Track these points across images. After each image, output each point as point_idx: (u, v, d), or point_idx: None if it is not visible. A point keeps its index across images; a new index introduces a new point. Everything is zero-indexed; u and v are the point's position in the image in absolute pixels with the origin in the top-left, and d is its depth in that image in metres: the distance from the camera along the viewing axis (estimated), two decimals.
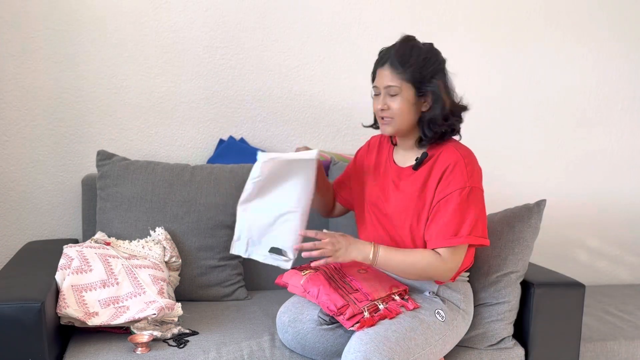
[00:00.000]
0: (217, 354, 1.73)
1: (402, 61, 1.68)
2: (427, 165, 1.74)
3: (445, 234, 1.66)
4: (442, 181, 1.69)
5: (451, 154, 1.71)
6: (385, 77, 1.71)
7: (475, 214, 1.67)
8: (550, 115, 2.73)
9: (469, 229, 1.66)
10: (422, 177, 1.74)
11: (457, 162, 1.69)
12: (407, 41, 1.73)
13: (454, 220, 1.66)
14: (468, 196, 1.67)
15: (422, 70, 1.68)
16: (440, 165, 1.71)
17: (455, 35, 2.59)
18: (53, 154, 2.36)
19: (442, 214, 1.68)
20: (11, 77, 2.29)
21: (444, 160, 1.71)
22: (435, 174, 1.71)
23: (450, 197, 1.67)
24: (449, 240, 1.66)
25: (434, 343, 1.68)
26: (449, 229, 1.66)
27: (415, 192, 1.74)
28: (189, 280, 2.11)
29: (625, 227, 2.87)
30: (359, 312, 1.64)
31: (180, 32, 2.38)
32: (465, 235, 1.66)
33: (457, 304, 1.80)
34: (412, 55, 1.69)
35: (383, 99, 1.72)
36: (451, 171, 1.68)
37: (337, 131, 2.57)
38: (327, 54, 2.51)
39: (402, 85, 1.69)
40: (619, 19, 2.72)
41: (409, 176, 1.77)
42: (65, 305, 1.75)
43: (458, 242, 1.66)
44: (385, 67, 1.71)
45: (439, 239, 1.67)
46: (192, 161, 2.46)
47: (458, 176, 1.68)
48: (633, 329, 2.23)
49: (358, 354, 1.55)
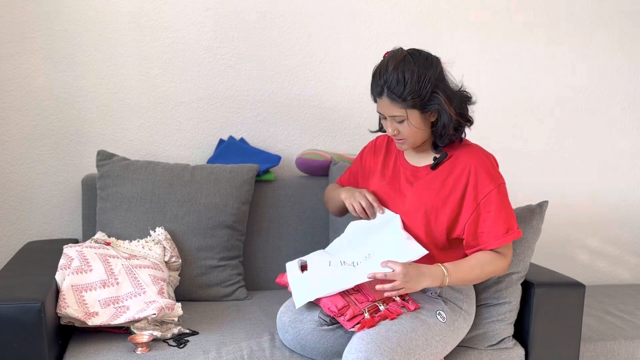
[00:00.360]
0: (217, 354, 1.73)
1: (398, 93, 1.65)
2: (445, 164, 1.77)
3: (498, 233, 1.71)
4: (471, 184, 1.72)
5: (473, 154, 1.75)
6: (386, 108, 1.70)
7: (512, 208, 1.75)
8: (550, 115, 2.73)
9: (514, 223, 1.73)
10: (441, 175, 1.76)
11: (481, 163, 1.73)
12: (397, 67, 1.66)
13: (501, 218, 1.71)
14: (503, 193, 1.73)
15: (420, 93, 1.66)
16: (462, 166, 1.74)
17: (454, 35, 2.59)
18: (53, 154, 2.36)
19: (487, 215, 1.71)
20: (11, 77, 2.29)
21: (467, 160, 1.74)
22: (459, 175, 1.74)
23: (489, 197, 1.71)
24: (504, 238, 1.71)
25: (434, 344, 1.68)
26: (500, 227, 1.71)
27: (434, 191, 1.76)
28: (189, 280, 2.11)
29: (625, 227, 2.87)
30: (360, 312, 1.64)
31: (180, 32, 2.38)
32: (516, 228, 1.73)
33: (459, 304, 1.80)
34: (405, 82, 1.65)
35: (391, 125, 1.73)
36: (480, 172, 1.72)
37: (337, 131, 2.56)
38: (327, 54, 2.51)
39: (405, 112, 1.69)
40: (619, 19, 2.72)
41: (427, 175, 1.79)
42: (65, 305, 1.75)
43: (512, 237, 1.72)
44: (383, 99, 1.69)
45: (495, 239, 1.71)
46: (192, 161, 2.46)
47: (488, 176, 1.72)
48: (633, 329, 2.22)
49: (359, 354, 1.55)
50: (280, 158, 2.40)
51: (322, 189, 2.36)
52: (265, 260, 2.32)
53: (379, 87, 1.69)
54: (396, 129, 1.73)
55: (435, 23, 2.56)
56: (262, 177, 2.32)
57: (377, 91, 1.70)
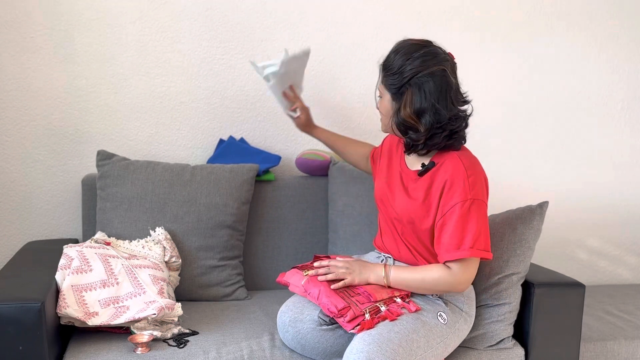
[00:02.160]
0: (217, 354, 1.73)
1: (384, 65, 1.75)
2: (430, 172, 1.74)
3: (449, 247, 1.66)
4: (445, 193, 1.69)
5: (454, 164, 1.69)
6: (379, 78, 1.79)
7: (477, 227, 1.65)
8: (550, 115, 2.73)
9: (472, 241, 1.64)
10: (425, 184, 1.74)
11: (459, 174, 1.67)
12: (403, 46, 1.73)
13: (456, 234, 1.65)
14: (469, 209, 1.65)
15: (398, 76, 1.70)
16: (442, 175, 1.70)
17: (454, 34, 2.59)
18: (53, 154, 2.36)
19: (447, 228, 1.67)
20: (11, 77, 2.29)
21: (446, 170, 1.70)
22: (438, 185, 1.71)
23: (453, 210, 1.66)
24: (453, 253, 1.66)
25: (435, 345, 1.68)
26: (453, 242, 1.66)
27: (419, 199, 1.74)
28: (189, 280, 2.11)
29: (625, 227, 2.87)
30: (360, 314, 1.64)
31: (180, 32, 2.38)
32: (468, 247, 1.64)
33: (460, 306, 1.80)
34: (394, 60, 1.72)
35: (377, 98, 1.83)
36: (452, 183, 1.67)
37: (337, 131, 2.56)
38: (327, 54, 2.51)
39: (381, 88, 1.78)
40: (619, 19, 2.72)
41: (415, 181, 1.77)
42: (65, 305, 1.75)
43: (461, 255, 1.65)
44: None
45: (445, 252, 1.68)
46: (192, 161, 2.46)
47: (460, 189, 1.66)
48: (633, 329, 2.23)
49: (361, 355, 1.55)
50: (280, 158, 2.40)
51: (322, 189, 2.37)
52: (265, 260, 2.32)
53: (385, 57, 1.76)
54: (377, 104, 1.81)
55: (436, 23, 2.56)
56: (262, 177, 2.32)
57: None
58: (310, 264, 1.83)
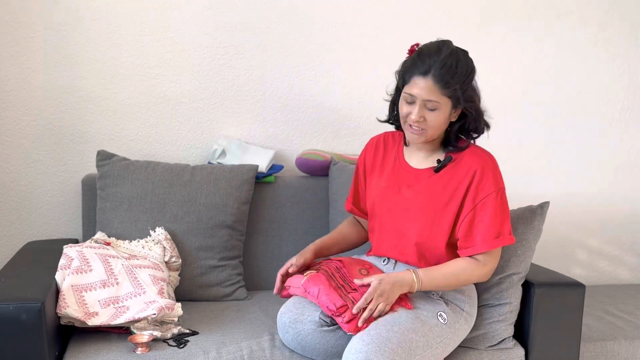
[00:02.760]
0: (217, 354, 1.73)
1: (446, 77, 1.63)
2: (448, 167, 1.76)
3: (488, 236, 1.70)
4: (474, 185, 1.72)
5: (477, 157, 1.75)
6: (426, 90, 1.64)
7: (508, 215, 1.75)
8: (550, 115, 2.73)
9: (509, 228, 1.73)
10: (443, 179, 1.75)
11: (486, 166, 1.73)
12: (452, 54, 1.65)
13: (495, 223, 1.70)
14: (502, 197, 1.73)
15: (462, 87, 1.66)
16: (465, 169, 1.73)
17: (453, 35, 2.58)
18: (53, 154, 2.35)
19: (481, 218, 1.71)
20: (11, 77, 2.29)
21: (470, 164, 1.73)
22: (461, 178, 1.73)
23: (487, 200, 1.70)
24: (493, 242, 1.70)
25: (435, 345, 1.68)
26: (492, 232, 1.70)
27: (435, 195, 1.75)
28: (189, 280, 2.11)
29: (625, 227, 2.87)
30: (355, 315, 1.65)
31: (180, 32, 2.38)
32: (507, 234, 1.72)
33: (461, 306, 1.80)
34: (457, 72, 1.64)
35: (420, 111, 1.66)
36: (483, 174, 1.72)
37: (337, 131, 2.56)
38: (327, 54, 2.51)
39: (442, 100, 1.66)
40: (619, 19, 2.72)
41: (429, 178, 1.78)
42: (65, 305, 1.75)
43: (502, 243, 1.72)
44: (427, 79, 1.63)
45: (484, 242, 1.70)
46: (192, 161, 2.46)
47: (491, 179, 1.72)
48: (633, 329, 2.22)
49: (359, 355, 1.55)
50: (282, 167, 2.41)
51: (322, 189, 2.36)
52: (265, 260, 2.31)
53: (427, 66, 1.63)
54: (422, 116, 1.67)
55: (436, 23, 2.56)
56: (262, 180, 2.32)
57: (422, 69, 1.64)
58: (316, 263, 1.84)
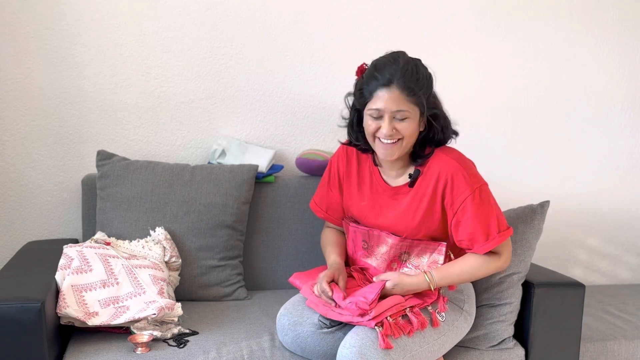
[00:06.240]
0: (217, 354, 1.73)
1: (413, 85, 1.61)
2: (419, 181, 1.74)
3: (478, 241, 1.68)
4: (448, 192, 1.69)
5: (444, 162, 1.70)
6: (392, 101, 1.61)
7: (494, 212, 1.70)
8: (550, 115, 2.73)
9: (497, 227, 1.68)
10: (419, 191, 1.74)
11: (455, 170, 1.68)
12: (409, 61, 1.64)
13: (478, 226, 1.67)
14: (480, 198, 1.67)
15: (427, 92, 1.65)
16: (434, 175, 1.70)
17: (452, 34, 2.59)
18: (53, 154, 2.35)
19: (465, 224, 1.68)
20: (11, 77, 2.29)
21: (438, 170, 1.70)
22: (434, 185, 1.70)
23: (465, 204, 1.67)
24: (485, 246, 1.68)
25: (432, 342, 1.68)
26: (480, 236, 1.68)
27: (413, 206, 1.74)
28: (189, 280, 2.11)
29: (625, 227, 2.87)
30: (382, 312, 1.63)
31: (180, 32, 2.38)
32: (496, 233, 1.68)
33: (460, 305, 1.80)
34: (419, 77, 1.62)
35: (390, 123, 1.63)
36: (453, 179, 1.68)
37: (337, 131, 2.55)
38: (327, 54, 2.51)
39: (410, 108, 1.63)
40: (619, 19, 2.72)
41: (407, 193, 1.76)
42: (65, 305, 1.75)
43: (493, 244, 1.68)
44: (392, 89, 1.61)
45: (479, 248, 1.69)
46: (192, 161, 2.46)
47: (462, 183, 1.67)
48: (633, 329, 2.23)
49: (353, 349, 1.55)
50: (282, 167, 2.40)
51: None
52: (265, 260, 2.32)
53: (388, 76, 1.61)
54: (394, 128, 1.64)
55: (435, 23, 2.56)
56: (262, 180, 2.32)
57: (383, 81, 1.61)
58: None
